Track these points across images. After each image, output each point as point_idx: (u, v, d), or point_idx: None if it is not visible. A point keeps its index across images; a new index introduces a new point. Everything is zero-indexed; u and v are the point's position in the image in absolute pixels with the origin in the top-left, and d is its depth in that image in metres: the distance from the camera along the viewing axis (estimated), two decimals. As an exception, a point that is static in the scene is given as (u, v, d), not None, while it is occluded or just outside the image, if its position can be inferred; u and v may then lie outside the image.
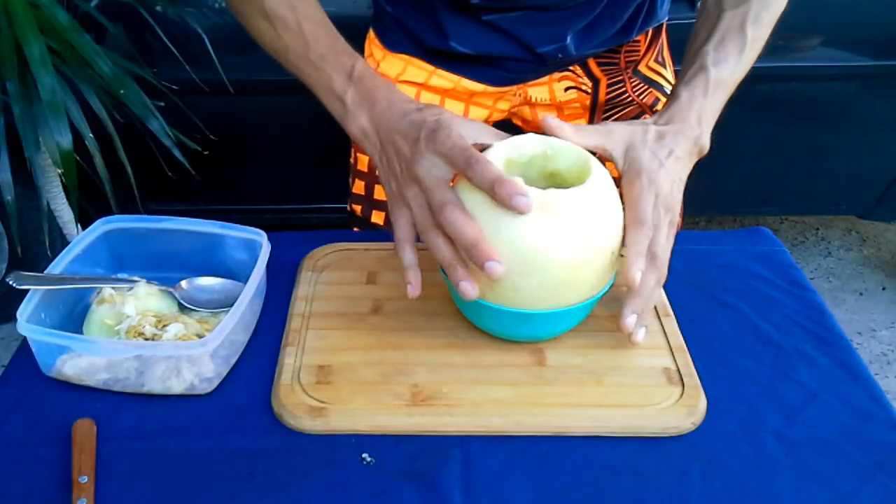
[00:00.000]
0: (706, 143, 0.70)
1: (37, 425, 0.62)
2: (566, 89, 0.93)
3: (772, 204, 2.03)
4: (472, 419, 0.62)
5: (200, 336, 0.66)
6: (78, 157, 1.43)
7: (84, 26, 1.44)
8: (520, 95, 0.94)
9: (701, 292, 0.78)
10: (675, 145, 0.67)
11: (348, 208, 1.03)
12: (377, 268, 0.79)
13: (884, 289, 2.16)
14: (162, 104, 1.52)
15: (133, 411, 0.63)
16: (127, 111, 1.47)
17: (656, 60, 0.95)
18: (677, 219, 0.68)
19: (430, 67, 0.91)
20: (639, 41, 0.92)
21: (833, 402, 0.65)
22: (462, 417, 0.62)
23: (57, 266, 0.69)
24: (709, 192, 1.91)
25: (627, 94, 0.94)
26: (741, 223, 2.36)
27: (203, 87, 1.56)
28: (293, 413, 0.62)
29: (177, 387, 0.64)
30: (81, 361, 0.64)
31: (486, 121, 0.97)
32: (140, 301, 0.70)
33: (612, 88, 0.93)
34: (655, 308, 0.73)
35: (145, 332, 0.66)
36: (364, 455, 0.60)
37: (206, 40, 1.53)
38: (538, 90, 0.94)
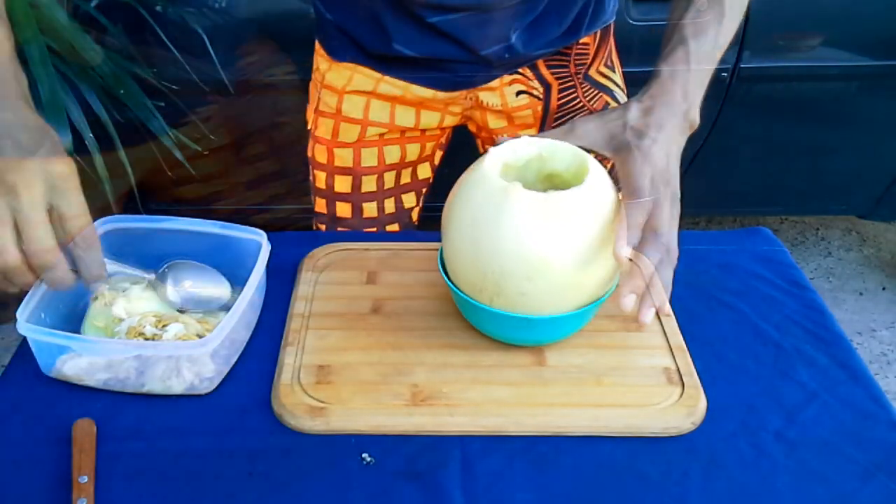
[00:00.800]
0: (696, 117, 0.67)
1: (37, 425, 0.62)
2: (517, 94, 0.91)
3: (772, 204, 2.03)
4: (472, 419, 0.62)
5: (200, 336, 0.66)
6: (78, 157, 1.43)
7: (84, 26, 1.43)
8: (471, 99, 0.93)
9: (701, 292, 0.78)
10: (662, 120, 0.65)
11: (314, 227, 1.02)
12: (377, 268, 0.79)
13: (884, 289, 2.15)
14: (162, 104, 1.52)
15: (133, 411, 0.63)
16: (127, 111, 1.47)
17: (605, 65, 0.94)
18: (678, 195, 0.64)
19: (377, 75, 0.89)
20: (588, 44, 0.91)
21: (833, 402, 0.65)
22: (462, 417, 0.62)
23: (57, 266, 0.68)
24: (709, 192, 1.92)
25: (579, 100, 0.93)
26: (741, 223, 2.36)
27: (203, 87, 1.56)
28: (293, 413, 0.62)
29: (177, 387, 0.64)
30: (81, 361, 0.64)
31: (440, 126, 0.96)
32: (131, 303, 0.69)
33: (563, 94, 0.92)
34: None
35: (145, 331, 0.66)
36: (364, 455, 0.60)
37: (206, 40, 1.53)
38: (489, 95, 0.92)
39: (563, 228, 0.59)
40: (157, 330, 0.66)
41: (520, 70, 0.90)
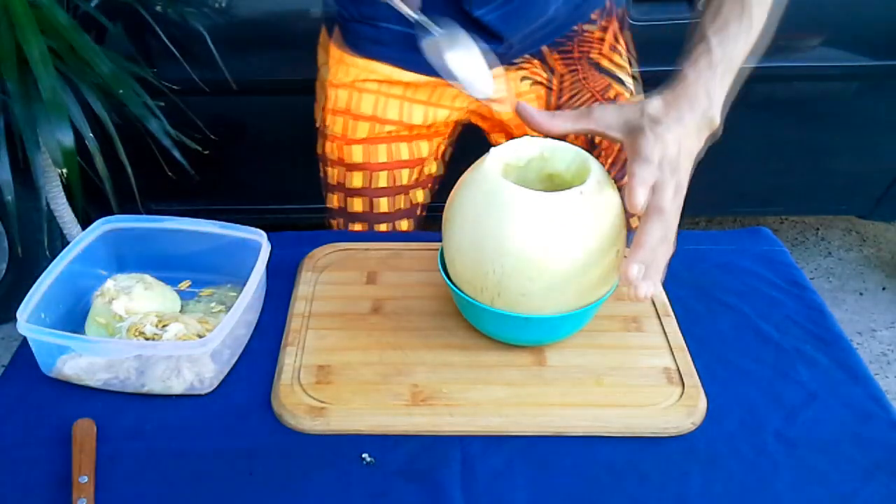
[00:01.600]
0: (716, 118, 0.66)
1: (37, 425, 0.62)
2: (521, 79, 0.93)
3: (772, 204, 2.03)
4: (472, 419, 0.62)
5: (200, 336, 0.66)
6: (78, 158, 1.43)
7: (84, 26, 1.44)
8: None
9: (701, 292, 0.77)
10: (682, 113, 0.64)
11: (326, 224, 1.03)
12: (377, 268, 0.79)
13: (884, 289, 2.15)
14: (162, 104, 1.52)
15: (133, 411, 0.63)
16: (127, 111, 1.48)
17: (612, 49, 0.94)
18: (684, 188, 0.63)
19: (394, 69, 0.90)
20: (591, 31, 0.92)
21: (833, 402, 0.65)
22: (462, 417, 0.62)
23: (57, 266, 0.68)
24: (709, 192, 1.92)
25: (582, 83, 0.93)
26: (741, 223, 2.36)
27: (203, 87, 1.56)
28: (293, 413, 0.62)
29: (177, 387, 0.64)
30: (81, 361, 0.64)
31: (446, 121, 0.96)
32: (133, 302, 0.70)
33: (568, 79, 0.93)
34: (655, 308, 0.73)
35: (146, 331, 0.66)
36: (364, 455, 0.60)
37: (208, 40, 1.53)
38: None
39: (564, 229, 0.59)
40: (158, 330, 0.66)
41: (525, 57, 0.91)
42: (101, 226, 0.75)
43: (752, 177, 1.90)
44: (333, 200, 1.01)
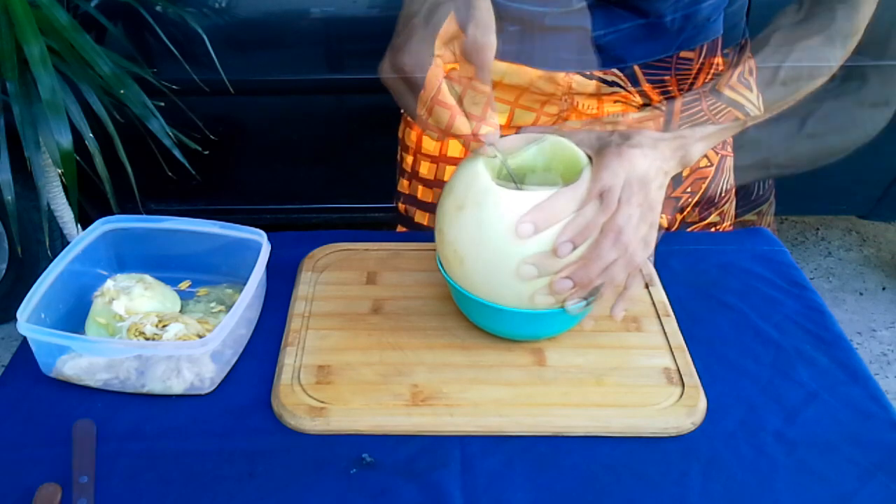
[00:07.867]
0: (694, 153, 0.64)
1: (37, 425, 0.62)
2: (641, 106, 0.88)
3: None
4: (472, 419, 0.62)
5: (200, 336, 0.66)
6: (78, 157, 1.43)
7: (84, 26, 1.44)
8: (566, 101, 0.90)
9: (701, 292, 0.77)
10: (657, 135, 0.62)
11: (395, 205, 1.03)
12: (377, 268, 0.79)
13: (884, 289, 2.15)
14: (162, 104, 1.52)
15: (133, 411, 0.63)
16: (127, 111, 1.48)
17: (741, 81, 0.91)
18: (657, 210, 0.61)
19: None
20: (690, 59, 0.87)
21: (833, 402, 0.65)
22: (462, 417, 0.62)
23: (57, 266, 0.68)
24: (709, 192, 1.92)
25: (703, 111, 0.91)
26: (741, 223, 2.36)
27: (203, 87, 1.56)
28: (293, 413, 0.62)
29: (177, 387, 0.64)
30: (81, 361, 0.64)
31: (534, 123, 0.94)
32: (133, 301, 0.70)
33: (687, 104, 0.90)
34: (655, 308, 0.73)
35: (146, 331, 0.66)
36: (364, 455, 0.60)
37: (207, 40, 1.53)
38: (587, 100, 0.89)
39: (557, 226, 0.59)
40: (158, 330, 0.66)
41: (619, 82, 0.87)
42: (101, 226, 0.75)
43: (752, 177, 1.90)
44: (404, 185, 1.00)
